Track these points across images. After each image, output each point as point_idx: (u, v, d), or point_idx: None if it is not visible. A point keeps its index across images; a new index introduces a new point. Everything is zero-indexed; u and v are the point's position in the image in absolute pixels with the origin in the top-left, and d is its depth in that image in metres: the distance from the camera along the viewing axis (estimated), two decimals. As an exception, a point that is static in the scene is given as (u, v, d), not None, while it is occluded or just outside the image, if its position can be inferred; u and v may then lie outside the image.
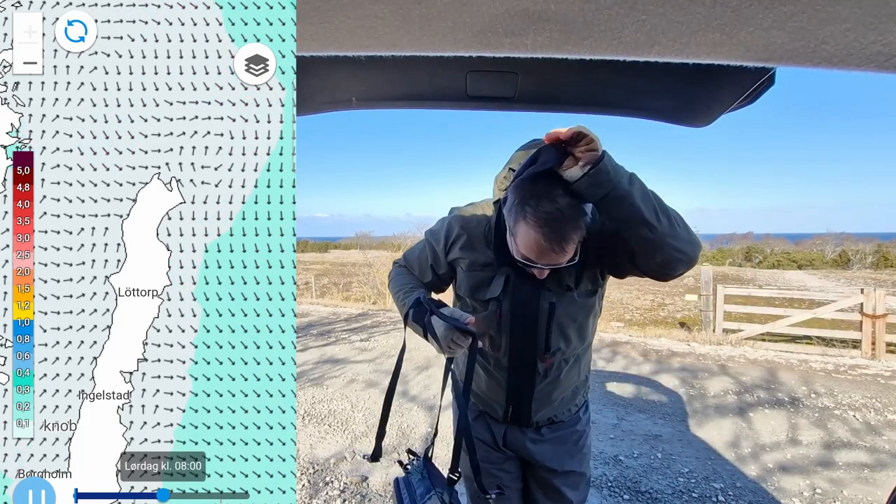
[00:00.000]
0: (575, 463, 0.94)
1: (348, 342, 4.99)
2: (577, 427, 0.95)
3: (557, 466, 0.92)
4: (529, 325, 0.83)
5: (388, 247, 14.55)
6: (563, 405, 0.91)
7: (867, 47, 0.34)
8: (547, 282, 0.80)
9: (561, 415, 0.92)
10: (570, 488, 0.94)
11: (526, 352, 0.84)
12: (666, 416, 2.88)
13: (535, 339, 0.83)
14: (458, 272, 0.90)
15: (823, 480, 2.12)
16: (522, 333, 0.84)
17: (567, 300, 0.82)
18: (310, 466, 2.24)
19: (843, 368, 3.95)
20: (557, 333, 0.83)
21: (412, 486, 0.79)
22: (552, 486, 0.94)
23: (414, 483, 0.80)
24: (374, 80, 0.66)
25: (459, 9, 0.32)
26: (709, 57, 0.37)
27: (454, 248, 0.88)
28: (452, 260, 0.89)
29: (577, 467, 0.94)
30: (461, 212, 0.91)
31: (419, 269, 0.95)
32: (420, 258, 0.95)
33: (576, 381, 0.91)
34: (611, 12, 0.32)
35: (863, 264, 20.99)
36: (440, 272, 0.92)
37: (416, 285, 0.91)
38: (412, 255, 0.97)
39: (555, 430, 0.93)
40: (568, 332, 0.84)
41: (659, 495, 2.00)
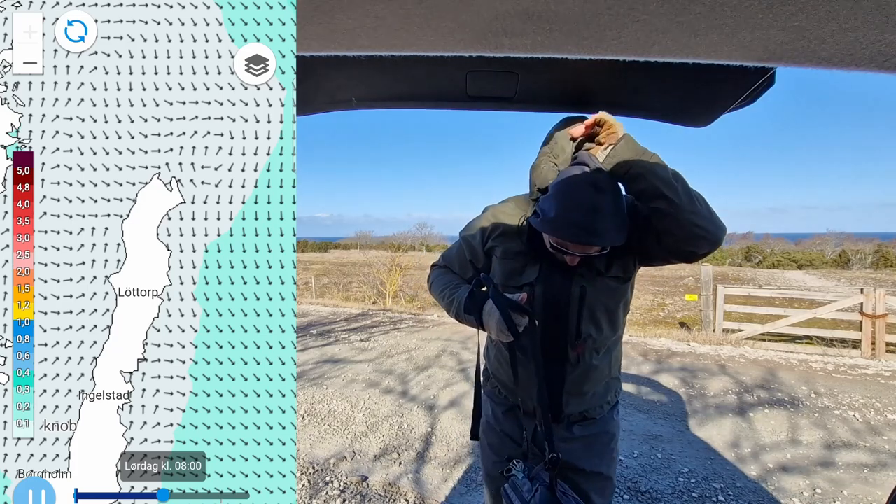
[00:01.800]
0: (603, 465, 0.92)
1: (348, 342, 4.99)
2: (608, 428, 0.93)
3: (586, 466, 0.90)
4: (561, 310, 0.85)
5: (388, 247, 14.55)
6: (594, 400, 0.90)
7: (867, 47, 0.34)
8: (578, 267, 0.83)
9: (593, 411, 0.91)
10: (597, 493, 0.91)
11: (557, 338, 0.86)
12: (666, 415, 2.88)
13: (567, 324, 0.85)
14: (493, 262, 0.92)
15: (823, 480, 2.11)
16: (554, 319, 0.85)
17: (598, 285, 0.84)
18: (310, 466, 2.24)
19: (843, 368, 3.95)
20: (588, 319, 0.84)
21: (518, 487, 0.79)
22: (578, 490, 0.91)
23: (518, 483, 0.80)
24: (374, 81, 0.66)
25: (459, 9, 0.32)
26: (709, 57, 0.37)
27: (490, 237, 0.91)
28: (489, 249, 0.92)
29: (605, 469, 0.92)
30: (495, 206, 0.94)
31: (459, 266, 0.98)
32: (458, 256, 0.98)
33: (607, 375, 0.91)
34: (611, 12, 0.32)
35: (863, 264, 20.99)
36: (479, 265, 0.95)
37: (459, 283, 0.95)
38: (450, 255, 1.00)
39: (586, 427, 0.91)
40: (598, 318, 0.85)
41: (659, 495, 2.00)
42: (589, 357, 0.87)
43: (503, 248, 0.89)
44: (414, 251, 20.19)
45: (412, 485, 2.07)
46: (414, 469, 2.22)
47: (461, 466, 2.23)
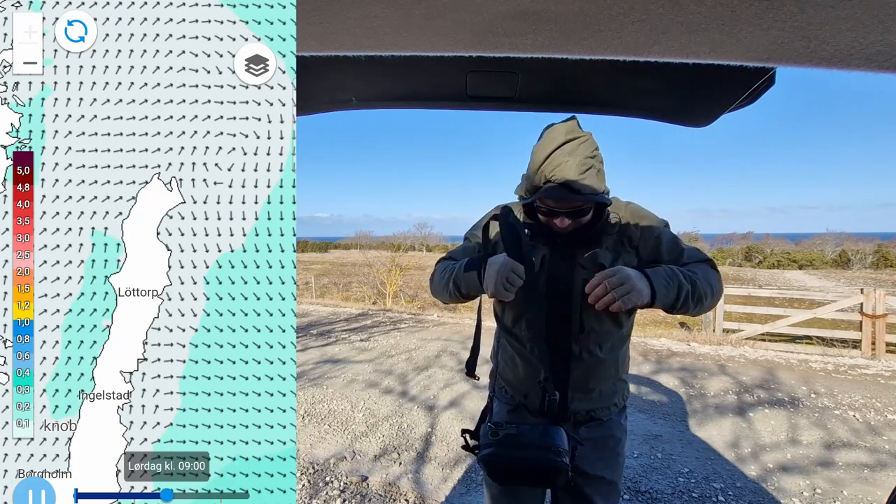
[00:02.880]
0: (608, 469, 0.91)
1: (348, 342, 4.99)
2: (615, 432, 0.93)
3: (589, 469, 0.89)
4: (564, 301, 0.87)
5: (388, 247, 14.56)
6: (601, 400, 0.90)
7: (867, 47, 0.34)
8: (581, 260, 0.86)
9: (600, 412, 0.90)
10: (602, 498, 0.91)
11: (561, 331, 0.87)
12: (666, 415, 2.88)
13: (570, 316, 0.86)
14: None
15: (823, 480, 2.12)
16: (558, 310, 0.87)
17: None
18: (310, 466, 2.24)
19: (842, 368, 3.95)
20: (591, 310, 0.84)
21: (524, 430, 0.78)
22: (582, 495, 0.91)
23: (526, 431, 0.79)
24: (374, 81, 0.66)
25: (460, 9, 0.32)
26: (709, 57, 0.37)
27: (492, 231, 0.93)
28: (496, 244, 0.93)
29: (610, 474, 0.91)
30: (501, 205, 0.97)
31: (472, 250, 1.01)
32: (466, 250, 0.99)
33: (613, 375, 0.91)
34: (611, 12, 0.32)
35: (863, 264, 20.99)
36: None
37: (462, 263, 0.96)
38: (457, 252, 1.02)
39: (592, 430, 0.91)
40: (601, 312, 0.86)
41: (659, 495, 2.00)
42: (594, 351, 0.87)
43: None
44: (414, 251, 20.20)
45: (412, 485, 2.07)
46: (414, 469, 2.22)
47: (461, 466, 2.24)
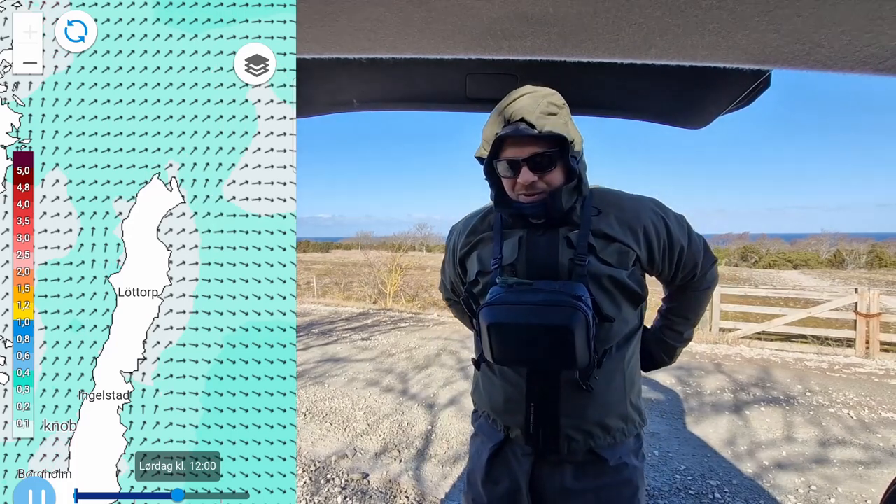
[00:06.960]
0: None
1: (349, 341, 4.99)
2: (627, 474, 0.70)
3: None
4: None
5: (388, 247, 14.54)
6: (603, 428, 0.69)
7: (862, 50, 0.34)
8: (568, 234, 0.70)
9: (602, 442, 0.69)
10: None
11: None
12: (662, 413, 2.89)
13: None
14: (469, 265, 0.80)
15: (818, 477, 2.13)
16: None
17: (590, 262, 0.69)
18: (311, 464, 2.24)
19: (837, 367, 3.98)
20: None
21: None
22: None
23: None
24: (374, 83, 0.66)
25: (459, 12, 0.32)
26: (705, 59, 0.37)
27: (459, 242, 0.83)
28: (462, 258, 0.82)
29: None
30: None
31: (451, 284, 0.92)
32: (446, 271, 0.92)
33: (618, 394, 0.70)
34: (608, 15, 0.32)
35: (857, 264, 21.13)
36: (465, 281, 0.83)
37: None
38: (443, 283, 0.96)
39: (598, 474, 0.70)
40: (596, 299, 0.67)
41: (655, 492, 2.02)
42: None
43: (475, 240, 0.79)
44: (414, 251, 20.17)
45: (412, 482, 2.08)
46: (414, 466, 2.22)
47: (460, 464, 2.24)
